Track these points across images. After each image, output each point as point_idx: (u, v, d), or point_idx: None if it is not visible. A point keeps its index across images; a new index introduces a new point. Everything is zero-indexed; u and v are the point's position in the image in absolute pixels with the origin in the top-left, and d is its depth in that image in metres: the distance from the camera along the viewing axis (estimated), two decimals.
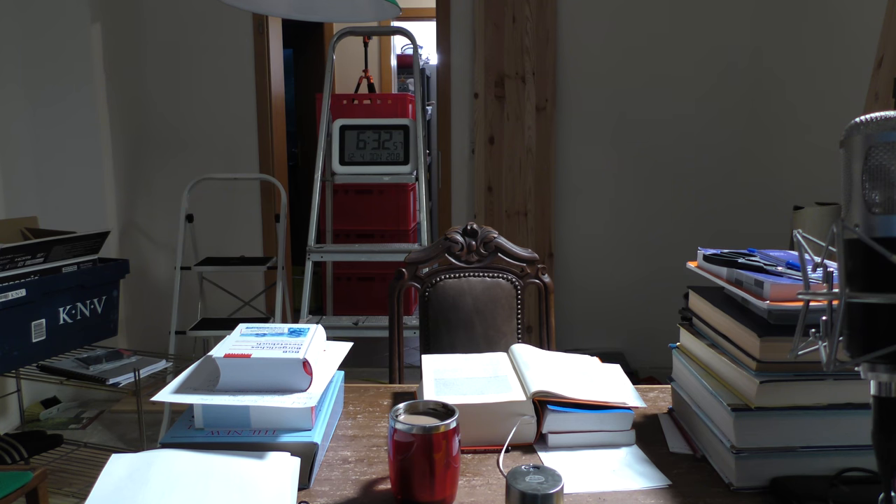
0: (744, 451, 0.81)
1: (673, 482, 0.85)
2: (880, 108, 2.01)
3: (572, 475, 0.86)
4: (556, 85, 3.24)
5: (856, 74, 2.34)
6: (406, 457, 0.77)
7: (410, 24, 5.33)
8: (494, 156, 3.25)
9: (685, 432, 0.98)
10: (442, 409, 0.82)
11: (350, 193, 4.01)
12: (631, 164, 3.33)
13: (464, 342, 1.51)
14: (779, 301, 0.81)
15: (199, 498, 0.73)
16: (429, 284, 1.52)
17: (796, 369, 0.80)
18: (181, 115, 3.30)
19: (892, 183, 0.56)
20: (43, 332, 2.12)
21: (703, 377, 0.92)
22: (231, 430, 0.85)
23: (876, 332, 0.57)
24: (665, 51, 3.24)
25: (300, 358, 0.87)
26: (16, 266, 2.07)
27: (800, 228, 0.71)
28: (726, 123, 3.28)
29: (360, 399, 1.12)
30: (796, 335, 0.66)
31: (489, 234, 1.52)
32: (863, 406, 0.81)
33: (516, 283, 1.54)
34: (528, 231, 3.28)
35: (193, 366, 0.96)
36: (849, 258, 0.58)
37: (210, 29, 3.27)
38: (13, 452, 2.06)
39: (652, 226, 3.37)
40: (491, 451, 0.93)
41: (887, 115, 0.56)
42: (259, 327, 0.99)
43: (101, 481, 0.75)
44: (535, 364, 1.04)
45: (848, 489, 0.77)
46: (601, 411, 0.94)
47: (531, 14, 3.16)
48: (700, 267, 1.02)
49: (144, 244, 3.37)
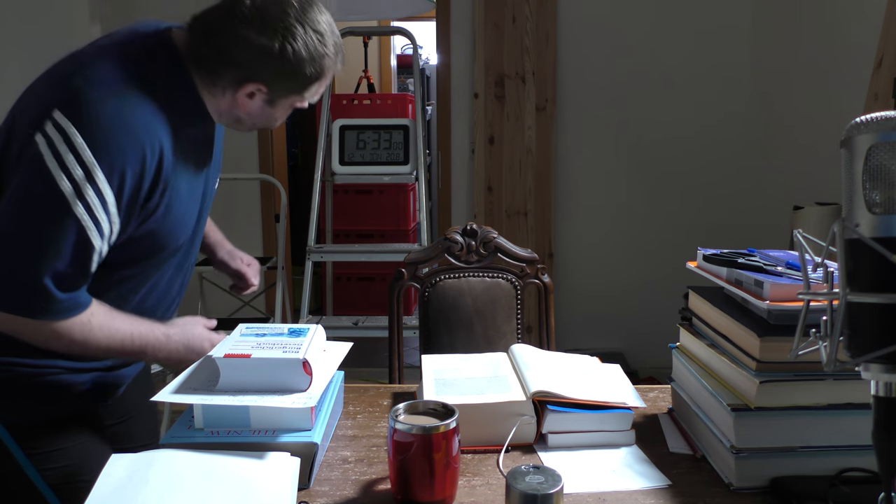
0: (744, 451, 0.81)
1: (673, 482, 0.85)
2: (880, 108, 2.01)
3: (572, 475, 0.86)
4: (556, 85, 3.24)
5: (856, 74, 2.34)
6: (406, 457, 0.77)
7: (410, 24, 5.32)
8: (494, 156, 3.25)
9: (685, 432, 0.98)
10: (442, 409, 0.82)
11: (350, 193, 4.00)
12: (631, 163, 3.33)
13: (464, 342, 1.51)
14: (779, 301, 0.81)
15: (199, 498, 0.73)
16: (429, 284, 1.52)
17: (796, 369, 0.80)
18: None
19: (893, 183, 0.56)
20: None
21: (703, 377, 0.92)
22: (231, 431, 0.85)
23: (876, 332, 0.57)
24: (665, 50, 3.24)
25: (300, 358, 0.87)
26: None
27: (800, 228, 0.71)
28: (726, 123, 3.28)
29: (360, 399, 1.12)
30: (797, 335, 0.66)
31: (489, 235, 1.52)
32: (863, 406, 0.81)
33: (516, 284, 1.54)
34: (528, 231, 3.28)
35: (193, 366, 0.96)
36: (849, 258, 0.58)
37: None
38: None
39: (652, 226, 3.37)
40: (491, 451, 0.93)
41: (887, 115, 0.56)
42: (259, 327, 0.99)
43: (101, 481, 0.75)
44: (534, 364, 1.04)
45: (848, 489, 0.77)
46: (601, 411, 0.94)
47: (531, 14, 3.16)
48: (700, 267, 1.02)
49: None
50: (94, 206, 0.89)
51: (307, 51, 0.98)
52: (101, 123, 0.90)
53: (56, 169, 0.87)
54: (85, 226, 0.89)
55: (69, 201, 0.88)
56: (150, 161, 0.94)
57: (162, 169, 0.96)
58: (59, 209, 0.88)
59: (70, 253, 0.89)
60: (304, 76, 1.01)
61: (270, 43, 0.96)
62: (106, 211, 0.90)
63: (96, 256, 0.93)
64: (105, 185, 0.89)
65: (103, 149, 0.89)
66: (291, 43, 0.97)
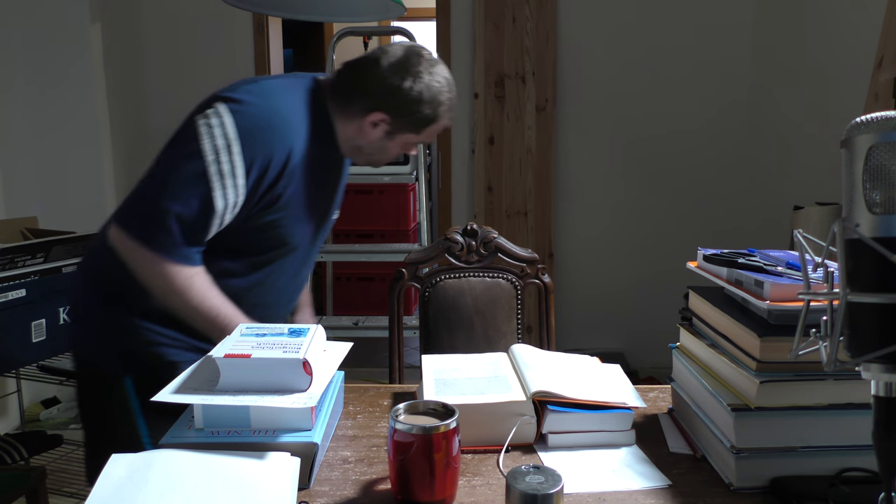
0: (744, 451, 0.81)
1: (673, 482, 0.85)
2: (880, 108, 2.01)
3: (572, 475, 0.86)
4: (556, 85, 3.24)
5: (856, 74, 2.34)
6: (406, 457, 0.77)
7: (410, 24, 5.32)
8: (494, 156, 3.25)
9: (685, 432, 0.98)
10: (442, 409, 0.82)
11: (350, 193, 3.98)
12: (631, 163, 3.33)
13: (464, 342, 1.51)
14: (779, 301, 0.81)
15: (199, 498, 0.73)
16: (429, 284, 1.52)
17: (796, 369, 0.80)
18: (181, 115, 3.28)
19: (893, 183, 0.56)
20: (43, 332, 2.12)
21: (703, 377, 0.92)
22: (231, 431, 0.85)
23: (876, 332, 0.57)
24: (665, 51, 3.24)
25: (300, 358, 0.87)
26: (16, 266, 2.07)
27: (800, 228, 0.71)
28: (726, 123, 3.28)
29: (360, 399, 1.12)
30: (797, 335, 0.66)
31: (489, 235, 1.52)
32: (863, 406, 0.81)
33: (516, 284, 1.54)
34: (528, 231, 3.28)
35: (193, 366, 0.96)
36: (849, 258, 0.58)
37: (210, 29, 3.27)
38: (13, 452, 2.06)
39: (652, 226, 3.36)
40: (491, 451, 0.93)
41: (887, 115, 0.56)
42: (259, 327, 0.99)
43: (101, 481, 0.75)
44: (535, 364, 1.04)
45: (848, 489, 0.77)
46: (601, 411, 0.94)
47: (531, 14, 3.16)
48: (700, 267, 1.02)
49: None
50: (224, 173, 1.08)
51: (428, 93, 1.20)
52: (249, 113, 1.11)
53: (202, 135, 1.08)
54: (213, 186, 1.07)
55: (206, 161, 1.07)
56: (280, 156, 1.12)
57: (287, 167, 1.14)
58: (196, 166, 1.07)
59: (196, 206, 1.07)
60: (421, 114, 1.21)
61: (400, 81, 1.18)
62: (234, 182, 1.08)
63: (216, 220, 1.10)
64: (238, 160, 1.08)
65: (245, 133, 1.09)
66: (416, 84, 1.19)
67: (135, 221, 1.10)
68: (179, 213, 1.06)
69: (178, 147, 1.11)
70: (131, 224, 1.09)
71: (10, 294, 2.00)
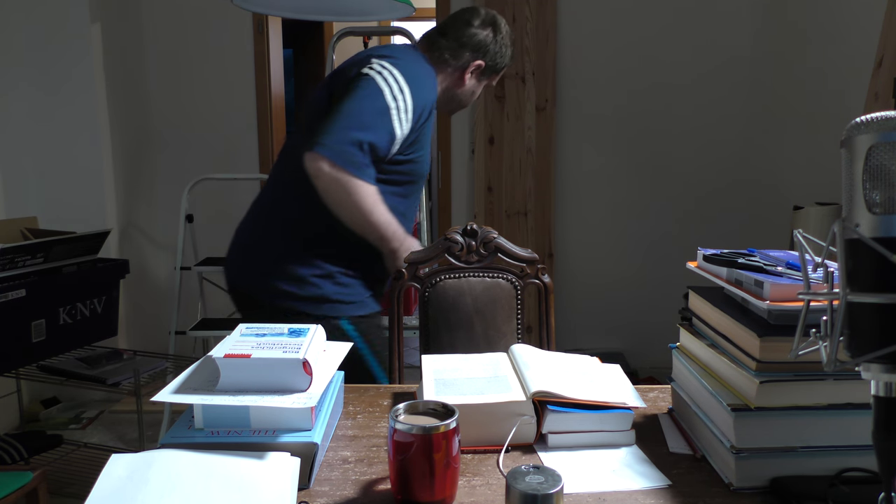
0: (744, 451, 0.81)
1: (673, 482, 0.85)
2: (880, 108, 2.01)
3: (572, 475, 0.86)
4: (556, 85, 3.24)
5: (856, 74, 2.34)
6: (406, 457, 0.77)
7: (410, 24, 5.33)
8: (494, 156, 3.25)
9: (685, 432, 0.98)
10: (442, 409, 0.82)
11: None
12: (631, 163, 3.33)
13: (464, 342, 1.51)
14: (779, 301, 0.81)
15: (199, 498, 0.73)
16: (429, 284, 1.52)
17: (796, 369, 0.80)
18: (181, 115, 3.30)
19: (893, 183, 0.56)
20: (43, 332, 2.12)
21: (703, 377, 0.92)
22: (231, 431, 0.85)
23: (876, 332, 0.57)
24: (665, 51, 3.24)
25: (300, 358, 0.87)
26: (16, 266, 2.07)
27: (800, 228, 0.71)
28: (726, 123, 3.28)
29: (360, 399, 1.12)
30: (797, 335, 0.66)
31: (489, 235, 1.52)
32: (863, 406, 0.81)
33: (516, 284, 1.54)
34: (528, 231, 3.28)
35: (193, 366, 0.96)
36: (849, 258, 0.58)
37: (210, 29, 3.27)
38: (13, 452, 2.06)
39: (652, 226, 3.37)
40: (491, 451, 0.93)
41: (887, 115, 0.56)
42: (259, 327, 0.99)
43: (101, 482, 0.75)
44: (535, 364, 1.04)
45: (848, 489, 0.77)
46: (601, 411, 0.94)
47: (531, 14, 3.16)
48: (700, 267, 1.02)
49: (144, 244, 3.37)
50: (401, 109, 1.37)
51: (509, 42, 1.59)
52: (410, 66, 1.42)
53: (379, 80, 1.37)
54: (393, 118, 1.36)
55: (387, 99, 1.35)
56: (430, 101, 1.45)
57: (426, 109, 1.44)
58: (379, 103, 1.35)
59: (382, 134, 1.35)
60: (504, 60, 1.59)
61: (490, 34, 1.55)
62: (407, 117, 1.38)
63: (395, 147, 1.39)
64: (409, 100, 1.38)
65: (411, 82, 1.39)
66: (499, 36, 1.56)
67: (335, 148, 1.31)
68: (371, 140, 1.32)
69: (358, 91, 1.36)
70: (331, 151, 1.31)
71: (10, 294, 2.00)
